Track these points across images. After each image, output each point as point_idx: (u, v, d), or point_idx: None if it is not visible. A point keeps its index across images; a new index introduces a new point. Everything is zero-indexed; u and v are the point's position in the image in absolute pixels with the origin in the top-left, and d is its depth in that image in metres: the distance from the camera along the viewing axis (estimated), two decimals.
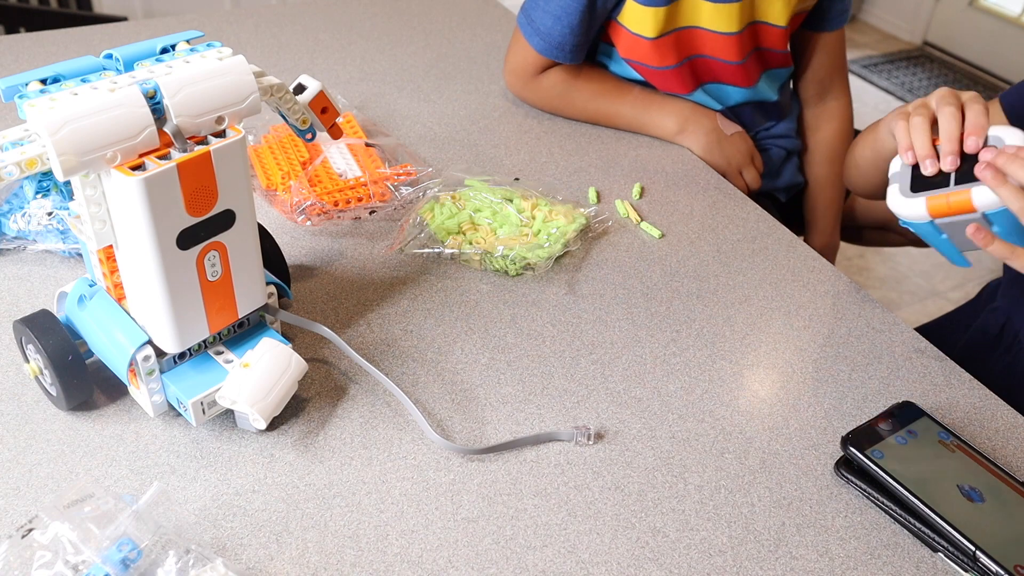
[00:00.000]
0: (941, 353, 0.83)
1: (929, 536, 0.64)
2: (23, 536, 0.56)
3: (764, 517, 0.66)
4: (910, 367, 0.81)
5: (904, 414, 0.71)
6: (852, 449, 0.68)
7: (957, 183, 0.74)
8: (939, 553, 0.63)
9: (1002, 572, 0.60)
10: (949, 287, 2.45)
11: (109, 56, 0.62)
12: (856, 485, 0.68)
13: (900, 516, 0.65)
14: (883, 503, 0.66)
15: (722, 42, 1.10)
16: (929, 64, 3.59)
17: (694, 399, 0.76)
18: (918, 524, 0.64)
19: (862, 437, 0.69)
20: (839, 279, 0.93)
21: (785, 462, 0.71)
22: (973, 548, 0.61)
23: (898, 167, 0.79)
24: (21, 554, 0.56)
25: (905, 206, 0.77)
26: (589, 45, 1.14)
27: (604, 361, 0.80)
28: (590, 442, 0.71)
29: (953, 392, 0.79)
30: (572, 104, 1.17)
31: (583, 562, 0.62)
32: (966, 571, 0.62)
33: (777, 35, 1.14)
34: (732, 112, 1.21)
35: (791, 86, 1.29)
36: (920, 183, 0.76)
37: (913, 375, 0.81)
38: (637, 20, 1.07)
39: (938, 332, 1.05)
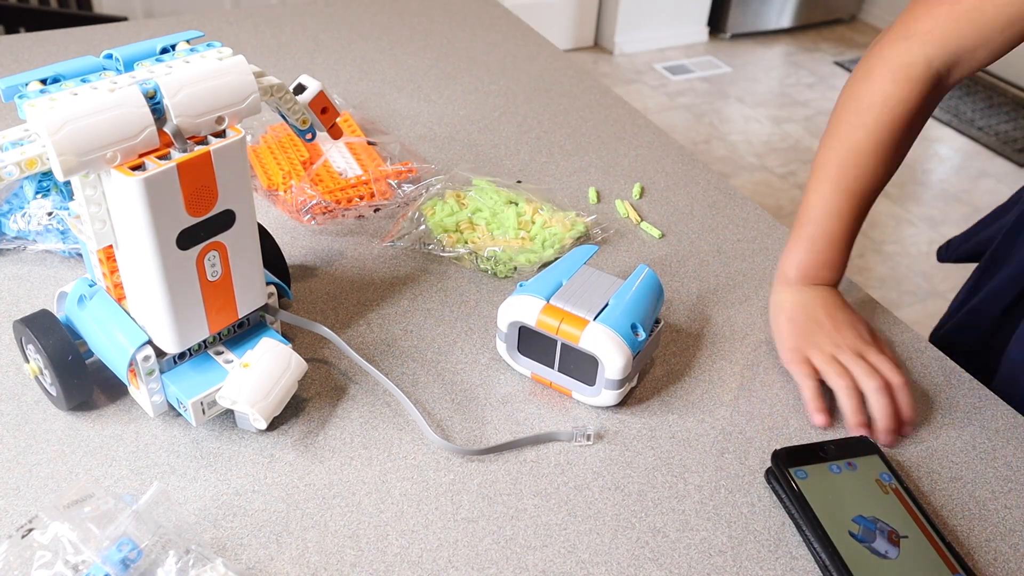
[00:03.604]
0: (941, 353, 0.83)
1: (821, 562, 0.63)
2: (23, 536, 0.56)
3: (764, 517, 0.66)
4: (910, 366, 0.81)
5: (855, 446, 0.70)
6: (778, 462, 0.68)
7: (561, 369, 0.74)
8: None
9: None
10: (949, 287, 2.45)
11: (109, 56, 0.62)
12: (778, 496, 0.68)
13: (805, 537, 0.65)
14: (796, 520, 0.66)
15: None
16: None
17: (694, 399, 0.76)
18: (816, 548, 0.63)
19: (796, 455, 0.68)
20: None
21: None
22: None
23: (505, 327, 0.75)
24: (21, 554, 0.56)
25: (510, 360, 0.77)
26: None
27: None
28: (589, 442, 0.71)
29: (953, 392, 0.79)
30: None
31: (583, 562, 0.62)
32: None
33: None
34: None
35: None
36: (527, 349, 0.75)
37: (913, 375, 0.81)
38: None
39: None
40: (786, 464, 0.67)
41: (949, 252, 1.07)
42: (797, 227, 0.82)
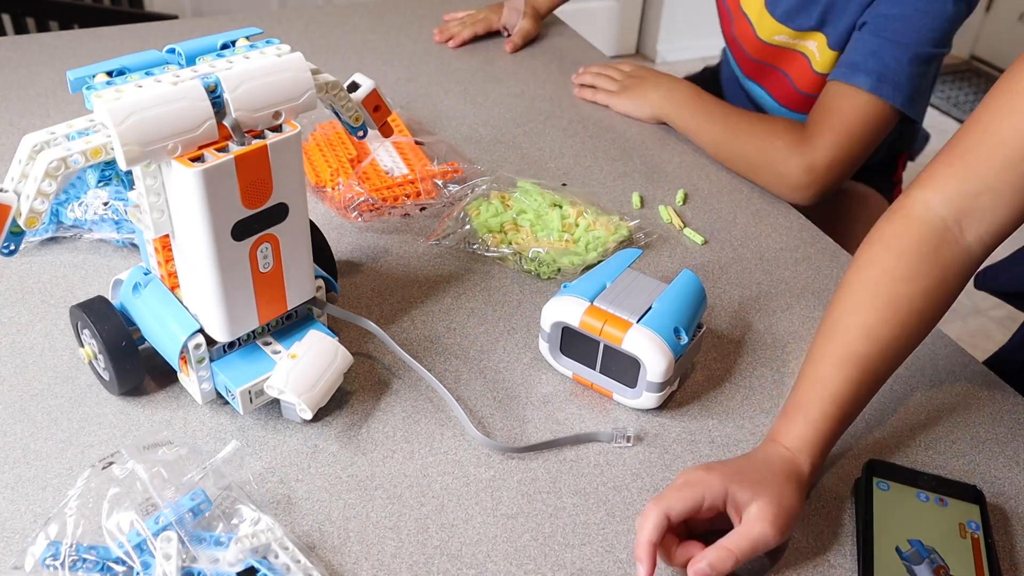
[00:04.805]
0: (985, 368, 0.83)
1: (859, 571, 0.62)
2: (103, 468, 0.59)
3: (801, 525, 0.66)
4: (952, 381, 0.81)
5: (961, 490, 0.67)
6: (869, 469, 0.68)
7: (602, 370, 0.75)
8: None
9: None
10: (990, 305, 2.42)
11: (172, 51, 0.63)
12: (856, 504, 0.68)
13: (858, 547, 0.64)
14: (856, 527, 0.65)
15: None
16: (976, 79, 3.54)
17: (734, 405, 0.76)
18: (859, 556, 0.63)
19: (890, 470, 0.68)
20: None
21: (824, 470, 0.71)
22: None
23: (548, 328, 0.75)
24: (100, 485, 0.58)
25: (552, 361, 0.77)
26: None
27: None
28: (629, 444, 0.72)
29: (996, 407, 0.78)
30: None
31: (620, 561, 0.63)
32: None
33: (810, 78, 1.17)
34: None
35: None
36: (569, 350, 0.76)
37: (956, 389, 0.80)
38: None
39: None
40: (874, 473, 0.67)
41: (987, 280, 1.04)
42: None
